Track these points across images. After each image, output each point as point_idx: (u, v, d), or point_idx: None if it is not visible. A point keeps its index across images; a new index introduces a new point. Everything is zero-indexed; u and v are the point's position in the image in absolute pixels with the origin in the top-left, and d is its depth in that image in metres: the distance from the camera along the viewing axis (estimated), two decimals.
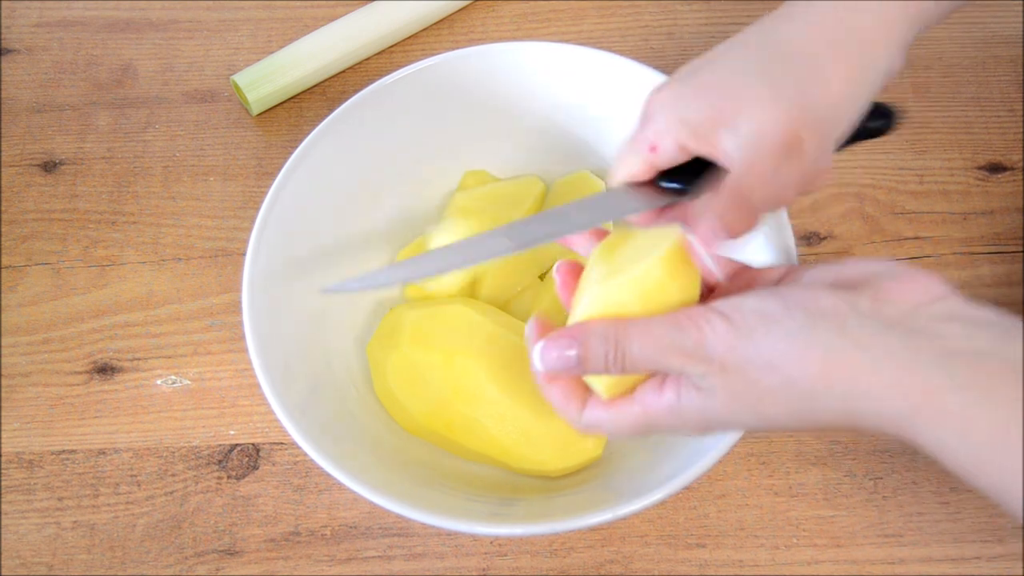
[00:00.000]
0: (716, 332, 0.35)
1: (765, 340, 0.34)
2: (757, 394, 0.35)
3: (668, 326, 0.36)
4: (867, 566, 0.51)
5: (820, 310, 0.34)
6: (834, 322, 0.34)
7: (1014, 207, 0.60)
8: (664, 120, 0.40)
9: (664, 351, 0.36)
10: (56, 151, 0.65)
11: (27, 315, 0.60)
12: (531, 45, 0.56)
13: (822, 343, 0.34)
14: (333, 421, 0.50)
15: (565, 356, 0.37)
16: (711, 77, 0.40)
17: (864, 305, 0.34)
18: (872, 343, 0.33)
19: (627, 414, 0.38)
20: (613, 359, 0.37)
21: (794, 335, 0.34)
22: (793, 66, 0.39)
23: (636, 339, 0.36)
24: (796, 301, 0.35)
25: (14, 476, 0.55)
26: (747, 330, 0.35)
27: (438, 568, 0.52)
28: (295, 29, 0.68)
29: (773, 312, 0.35)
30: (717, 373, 0.35)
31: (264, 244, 0.51)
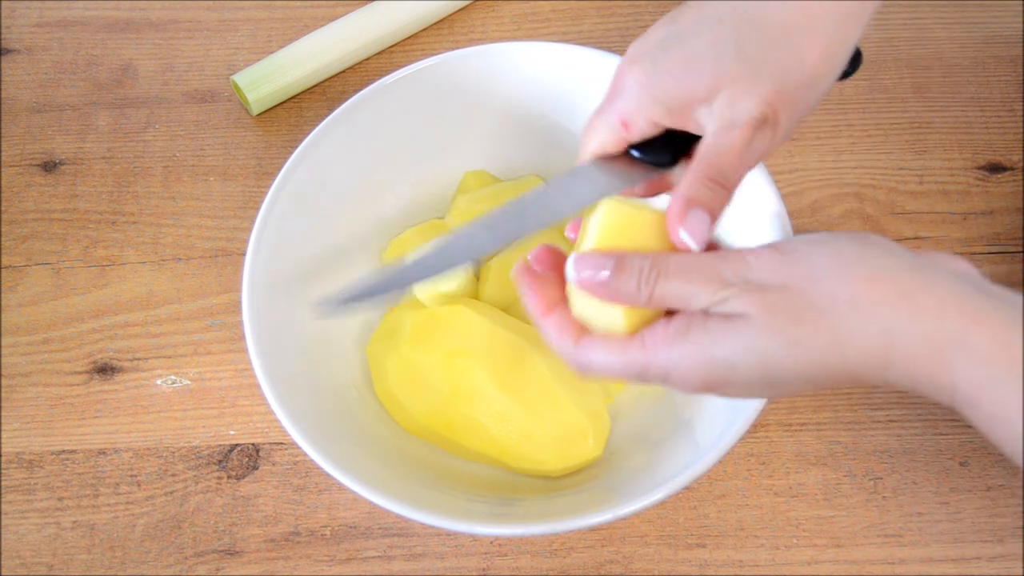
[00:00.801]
0: (760, 258, 0.35)
1: (811, 257, 0.34)
2: (794, 311, 0.33)
3: (710, 255, 0.36)
4: (867, 566, 0.51)
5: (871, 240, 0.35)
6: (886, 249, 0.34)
7: (1014, 207, 0.60)
8: (637, 98, 0.40)
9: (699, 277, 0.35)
10: (56, 151, 0.65)
11: (27, 315, 0.60)
12: (531, 45, 0.56)
13: (872, 260, 0.34)
14: (333, 421, 0.50)
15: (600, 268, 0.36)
16: (686, 53, 0.39)
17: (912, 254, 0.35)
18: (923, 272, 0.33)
19: (624, 352, 0.36)
20: (647, 278, 0.35)
21: (843, 252, 0.34)
22: (769, 42, 0.38)
23: (674, 264, 0.35)
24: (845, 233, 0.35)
25: (14, 476, 0.55)
26: (793, 253, 0.35)
27: (438, 568, 0.52)
28: (295, 29, 0.68)
29: (821, 238, 0.35)
30: (756, 292, 0.34)
31: (264, 244, 0.51)
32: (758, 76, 0.38)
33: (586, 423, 0.50)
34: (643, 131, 0.40)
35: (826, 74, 0.40)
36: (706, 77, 0.39)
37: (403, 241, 0.57)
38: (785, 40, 0.38)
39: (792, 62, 0.38)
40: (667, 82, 0.39)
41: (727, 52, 0.39)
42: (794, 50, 0.38)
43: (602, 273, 0.36)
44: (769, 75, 0.38)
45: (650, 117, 0.40)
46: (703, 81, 0.39)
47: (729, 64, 0.38)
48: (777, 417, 0.55)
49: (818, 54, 0.39)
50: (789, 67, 0.38)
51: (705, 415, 0.49)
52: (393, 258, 0.57)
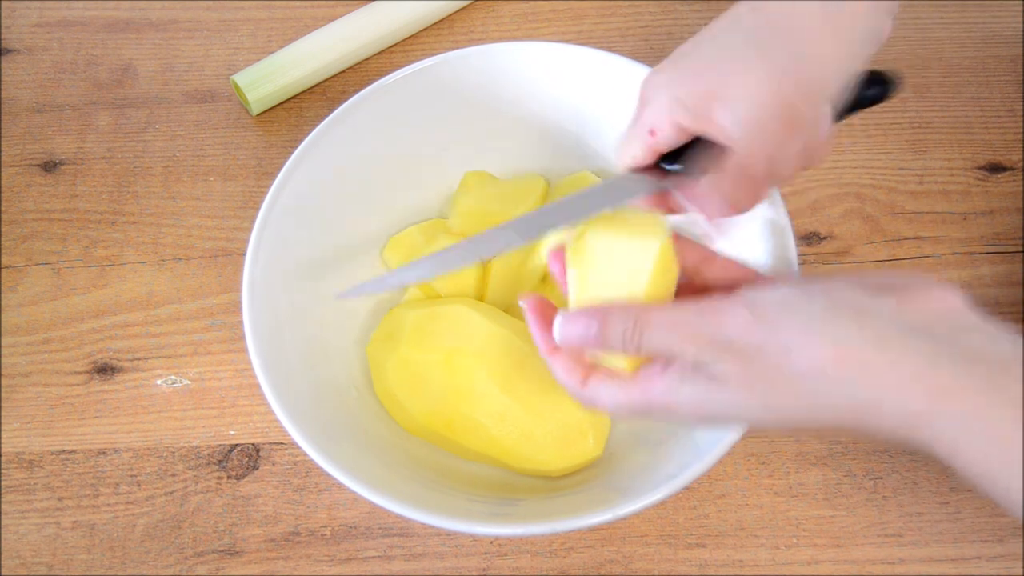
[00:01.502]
0: (735, 318, 0.35)
1: (782, 326, 0.34)
2: (770, 380, 0.35)
3: (689, 311, 0.36)
4: (867, 566, 0.51)
5: (842, 300, 0.34)
6: (854, 314, 0.34)
7: (1014, 207, 0.60)
8: (660, 103, 0.40)
9: (682, 335, 0.36)
10: (56, 151, 0.65)
11: (27, 315, 0.60)
12: (531, 45, 0.56)
13: (839, 332, 0.33)
14: (333, 421, 0.50)
15: (584, 330, 0.38)
16: (703, 55, 0.40)
17: (887, 306, 0.34)
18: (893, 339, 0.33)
19: (628, 392, 0.38)
20: (630, 337, 0.37)
21: (812, 321, 0.34)
22: (783, 38, 0.39)
23: (656, 321, 0.36)
24: (818, 291, 0.35)
25: (14, 476, 0.55)
26: (765, 317, 0.35)
27: (438, 568, 0.52)
28: (295, 29, 0.68)
29: (794, 300, 0.35)
30: (733, 359, 0.35)
31: (264, 244, 0.51)
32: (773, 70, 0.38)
33: (586, 423, 0.50)
34: (669, 136, 0.41)
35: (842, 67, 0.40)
36: (724, 74, 0.39)
37: (403, 239, 0.57)
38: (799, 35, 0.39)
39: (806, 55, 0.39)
40: (687, 82, 0.40)
41: (741, 49, 0.39)
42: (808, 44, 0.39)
43: (588, 335, 0.38)
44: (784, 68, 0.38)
45: (674, 120, 0.40)
46: (722, 78, 0.39)
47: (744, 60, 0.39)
48: None
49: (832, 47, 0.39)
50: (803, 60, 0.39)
51: None
52: (393, 257, 0.57)
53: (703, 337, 0.35)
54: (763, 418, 0.36)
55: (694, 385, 0.36)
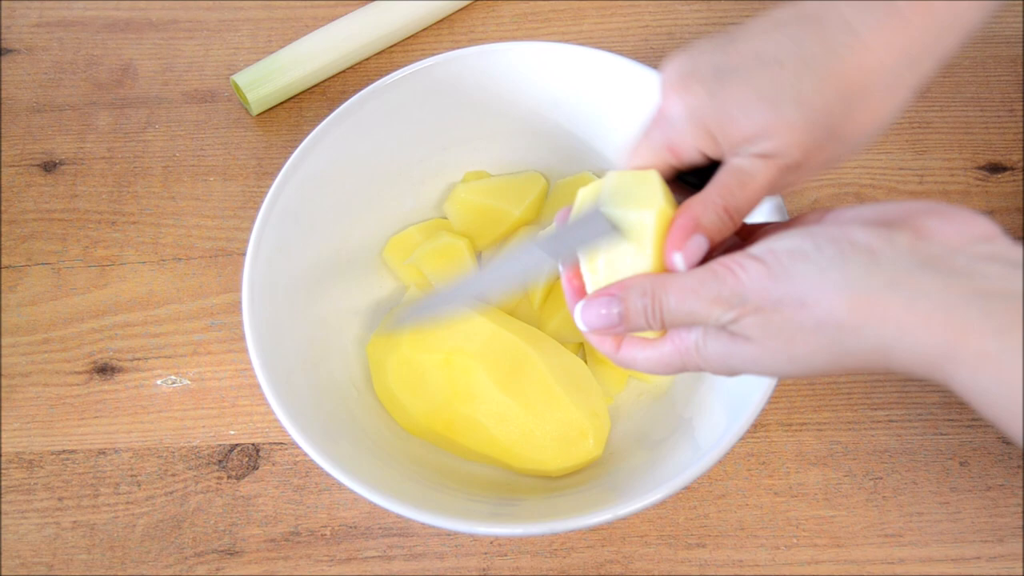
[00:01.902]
0: (750, 275, 0.35)
1: (796, 278, 0.34)
2: (790, 333, 0.35)
3: (703, 275, 0.36)
4: (867, 566, 0.51)
5: (852, 245, 0.34)
6: (866, 257, 0.34)
7: (1014, 207, 0.60)
8: (691, 129, 0.39)
9: (700, 301, 0.36)
10: (56, 151, 0.65)
11: (27, 315, 0.60)
12: (531, 45, 0.56)
13: (851, 279, 0.33)
14: (333, 421, 0.50)
15: (606, 314, 0.38)
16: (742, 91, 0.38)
17: (901, 241, 0.34)
18: (905, 281, 0.33)
19: (660, 351, 0.39)
20: (652, 313, 0.37)
21: (824, 271, 0.34)
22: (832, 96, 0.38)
23: (672, 291, 0.37)
24: (827, 237, 0.35)
25: (14, 476, 0.55)
26: (779, 269, 0.35)
27: (438, 568, 0.52)
28: (295, 29, 0.68)
29: (805, 250, 0.35)
30: (751, 315, 0.35)
31: (264, 244, 0.51)
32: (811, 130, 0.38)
33: (586, 423, 0.50)
34: (693, 160, 0.40)
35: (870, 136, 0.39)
36: (763, 120, 0.38)
37: (403, 239, 0.58)
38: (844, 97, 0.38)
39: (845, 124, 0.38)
40: (722, 118, 0.38)
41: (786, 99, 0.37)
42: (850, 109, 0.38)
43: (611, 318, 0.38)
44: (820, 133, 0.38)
45: (701, 149, 0.39)
46: (759, 124, 0.38)
47: (787, 112, 0.37)
48: (777, 417, 0.55)
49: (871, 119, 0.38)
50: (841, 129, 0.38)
51: (705, 415, 0.49)
52: (393, 257, 0.57)
53: (720, 299, 0.36)
54: (789, 370, 0.36)
55: (719, 341, 0.37)
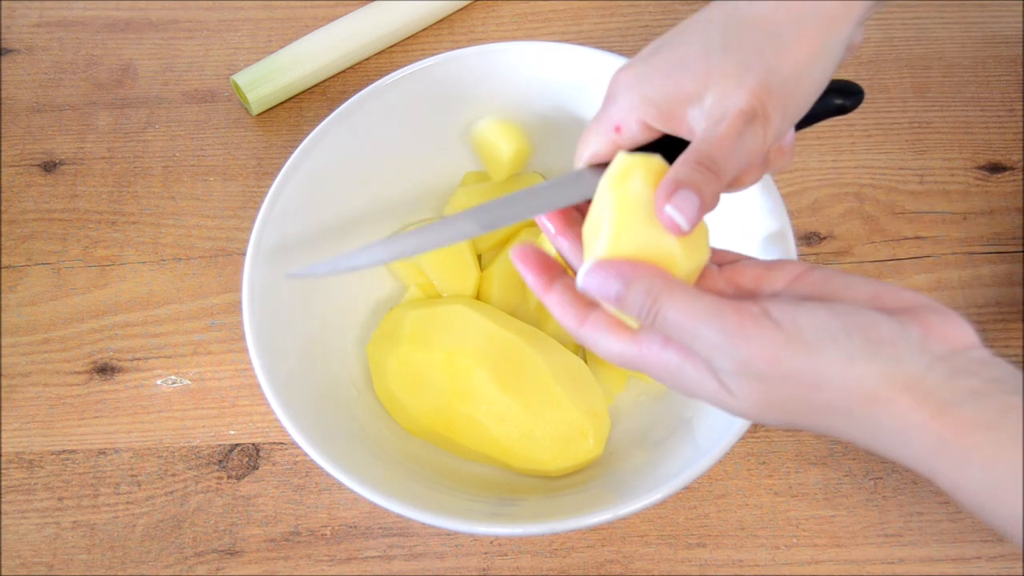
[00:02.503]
0: (764, 338, 0.34)
1: (820, 357, 0.34)
2: (792, 408, 0.35)
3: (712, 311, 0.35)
4: (867, 566, 0.51)
5: (879, 337, 0.34)
6: (890, 353, 0.34)
7: (1014, 207, 0.60)
8: (628, 100, 0.40)
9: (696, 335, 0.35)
10: (56, 151, 0.65)
11: (27, 315, 0.60)
12: (531, 45, 0.56)
13: (875, 374, 0.33)
14: (333, 421, 0.50)
15: (606, 287, 0.37)
16: (675, 54, 0.39)
17: (914, 338, 0.34)
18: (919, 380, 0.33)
19: (624, 347, 0.38)
20: (647, 313, 0.36)
21: (853, 360, 0.34)
22: (757, 39, 0.39)
23: (676, 307, 0.35)
24: (855, 324, 0.34)
25: (14, 476, 0.55)
26: (801, 344, 0.34)
27: (438, 568, 0.52)
28: (295, 29, 0.68)
29: (832, 330, 0.34)
30: (751, 380, 0.35)
31: (264, 244, 0.51)
32: (746, 71, 0.38)
33: (586, 423, 0.50)
34: (635, 135, 0.40)
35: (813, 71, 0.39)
36: (695, 74, 0.38)
37: None
38: (771, 38, 0.39)
39: (778, 59, 0.38)
40: (657, 81, 0.39)
41: (715, 49, 0.39)
42: (780, 47, 0.39)
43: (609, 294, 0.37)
44: (756, 70, 0.38)
45: (641, 118, 0.39)
46: (692, 78, 0.38)
47: (717, 60, 0.38)
48: None
49: (805, 52, 0.39)
50: (775, 64, 0.38)
51: (705, 415, 0.49)
52: None
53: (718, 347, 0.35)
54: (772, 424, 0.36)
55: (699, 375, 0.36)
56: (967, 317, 0.36)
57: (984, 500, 0.33)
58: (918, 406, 0.33)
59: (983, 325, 0.57)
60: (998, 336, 0.56)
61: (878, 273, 0.58)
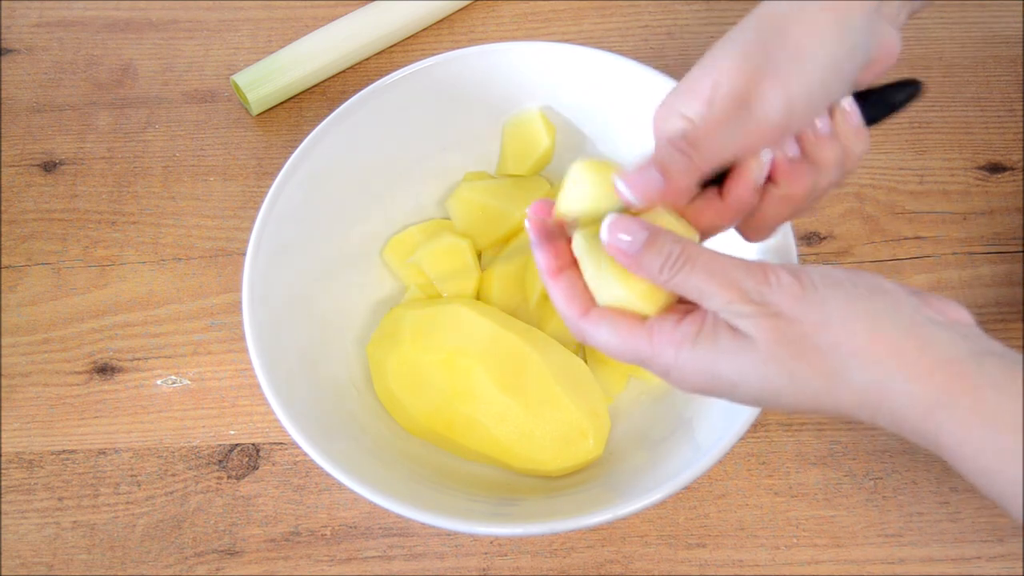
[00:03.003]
0: (782, 283, 0.36)
1: (827, 299, 0.35)
2: (801, 347, 0.35)
3: (738, 263, 0.36)
4: (867, 566, 0.51)
5: (881, 288, 0.36)
6: (891, 301, 0.35)
7: (1014, 207, 0.60)
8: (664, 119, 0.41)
9: (723, 281, 0.36)
10: (56, 151, 0.65)
11: (27, 315, 0.60)
12: (531, 45, 0.56)
13: (877, 315, 0.35)
14: (333, 421, 0.50)
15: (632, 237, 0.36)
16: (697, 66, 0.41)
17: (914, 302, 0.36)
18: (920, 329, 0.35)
19: (630, 336, 0.37)
20: (672, 264, 0.36)
21: (854, 301, 0.35)
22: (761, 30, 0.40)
23: (702, 260, 0.36)
24: (861, 276, 0.37)
25: (14, 476, 0.55)
26: (811, 287, 0.36)
27: (438, 568, 0.52)
28: (295, 29, 0.68)
29: (839, 279, 0.36)
30: (768, 317, 0.35)
31: (264, 244, 0.51)
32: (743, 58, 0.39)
33: (586, 423, 0.50)
34: None
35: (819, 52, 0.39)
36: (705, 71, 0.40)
37: (403, 239, 0.57)
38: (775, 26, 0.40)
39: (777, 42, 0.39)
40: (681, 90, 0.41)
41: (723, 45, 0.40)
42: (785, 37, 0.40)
43: (634, 242, 0.36)
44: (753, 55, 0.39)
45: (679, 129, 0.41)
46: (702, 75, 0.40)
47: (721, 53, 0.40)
48: (777, 417, 0.55)
49: (814, 41, 0.39)
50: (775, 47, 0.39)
51: (705, 415, 0.49)
52: (393, 257, 0.57)
53: (742, 290, 0.36)
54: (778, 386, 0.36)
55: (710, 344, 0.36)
56: None
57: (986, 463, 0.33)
58: (920, 354, 0.34)
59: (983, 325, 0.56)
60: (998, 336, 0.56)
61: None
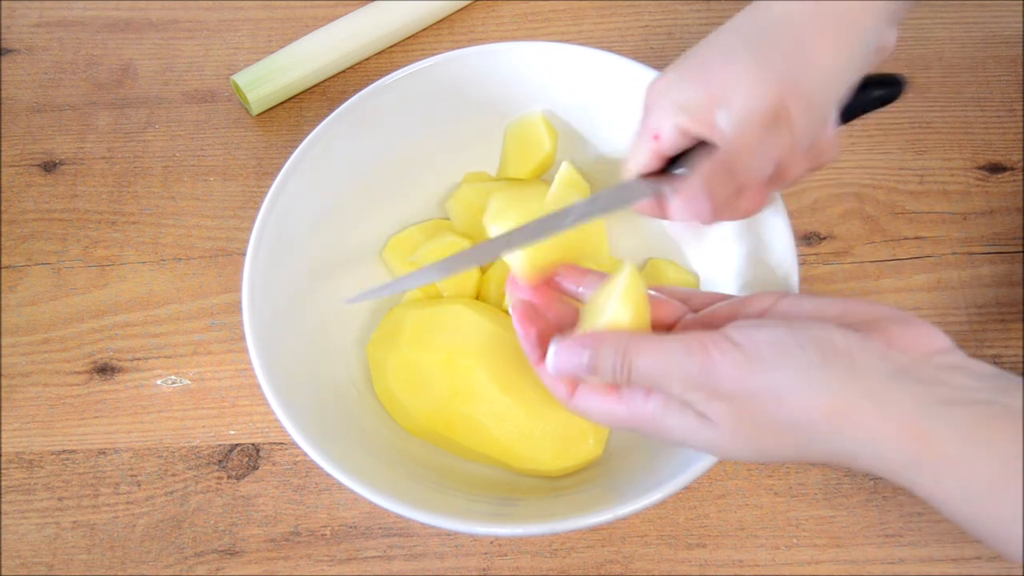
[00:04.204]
0: (726, 360, 0.35)
1: (776, 372, 0.34)
2: (761, 425, 0.35)
3: (678, 348, 0.36)
4: (867, 566, 0.51)
5: (833, 349, 0.35)
6: (845, 363, 0.34)
7: (1014, 207, 0.60)
8: (661, 108, 0.41)
9: (668, 374, 0.36)
10: (56, 151, 0.65)
11: (27, 315, 0.60)
12: (531, 45, 0.56)
13: (832, 383, 0.34)
14: (333, 421, 0.50)
15: (577, 361, 0.38)
16: (703, 60, 0.41)
17: (875, 349, 0.35)
18: (880, 392, 0.34)
19: (613, 408, 0.39)
20: (620, 370, 0.37)
21: (805, 370, 0.34)
22: (779, 41, 0.40)
23: (644, 355, 0.37)
24: (809, 337, 0.35)
25: (14, 476, 0.55)
26: (759, 360, 0.35)
27: (438, 568, 0.52)
28: (295, 29, 0.68)
29: (786, 344, 0.35)
30: (722, 402, 0.36)
31: (264, 244, 0.51)
32: (768, 72, 0.39)
33: (586, 423, 0.50)
34: (673, 140, 0.41)
35: (838, 70, 0.40)
36: (719, 76, 0.40)
37: (403, 239, 0.57)
38: (794, 39, 0.39)
39: (801, 58, 0.39)
40: (687, 86, 0.40)
41: (739, 52, 0.40)
42: (803, 47, 0.39)
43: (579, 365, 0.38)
44: (778, 71, 0.39)
45: (676, 123, 0.41)
46: (717, 81, 0.39)
47: (741, 63, 0.39)
48: None
49: (828, 51, 0.39)
50: (798, 63, 0.39)
51: None
52: (393, 257, 0.57)
53: (690, 379, 0.36)
54: (754, 458, 0.37)
55: (681, 418, 0.37)
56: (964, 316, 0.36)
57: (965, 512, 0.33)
58: (884, 418, 0.33)
59: (983, 325, 0.57)
60: (998, 336, 0.56)
61: (878, 273, 0.58)
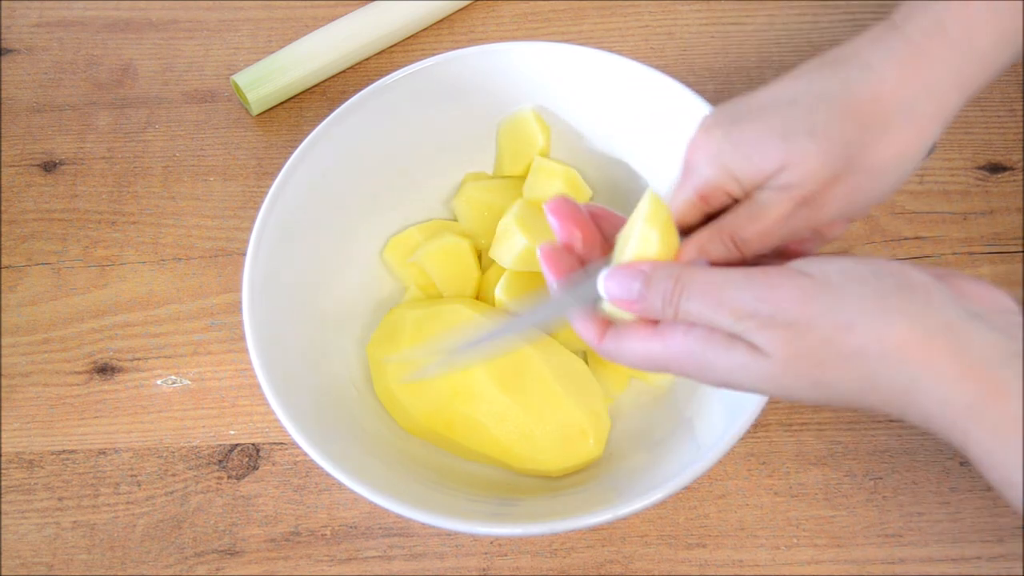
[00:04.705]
0: (792, 284, 0.34)
1: (848, 298, 0.33)
2: (822, 356, 0.33)
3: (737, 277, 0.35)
4: (867, 566, 0.51)
5: (910, 282, 0.33)
6: (923, 297, 0.33)
7: (1014, 207, 0.60)
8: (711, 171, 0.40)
9: (721, 302, 0.35)
10: (56, 151, 0.65)
11: (27, 315, 0.60)
12: (531, 45, 0.56)
13: (911, 313, 0.32)
14: (333, 421, 0.50)
15: (628, 287, 0.37)
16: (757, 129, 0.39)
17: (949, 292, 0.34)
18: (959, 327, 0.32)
19: (648, 347, 0.37)
20: (670, 299, 0.36)
21: (881, 298, 0.33)
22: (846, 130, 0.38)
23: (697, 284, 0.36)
24: (887, 270, 0.34)
25: (14, 476, 0.55)
26: (829, 286, 0.34)
27: (438, 568, 0.52)
28: (295, 29, 0.68)
29: (861, 272, 0.34)
30: (779, 328, 0.34)
31: (264, 244, 0.51)
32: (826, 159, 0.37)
33: (586, 423, 0.50)
34: (724, 203, 0.41)
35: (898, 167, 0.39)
36: (776, 154, 0.38)
37: (403, 240, 0.57)
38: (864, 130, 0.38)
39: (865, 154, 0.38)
40: (738, 157, 0.39)
41: (798, 132, 0.38)
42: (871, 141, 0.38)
43: (631, 291, 0.37)
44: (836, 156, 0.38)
45: (727, 191, 0.40)
46: (773, 158, 0.38)
47: (799, 143, 0.38)
48: (777, 417, 0.55)
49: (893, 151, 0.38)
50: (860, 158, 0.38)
51: (705, 414, 0.49)
52: (393, 257, 0.57)
53: (744, 307, 0.34)
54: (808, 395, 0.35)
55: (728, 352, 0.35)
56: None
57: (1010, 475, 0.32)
58: (953, 358, 0.32)
59: None
60: None
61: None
